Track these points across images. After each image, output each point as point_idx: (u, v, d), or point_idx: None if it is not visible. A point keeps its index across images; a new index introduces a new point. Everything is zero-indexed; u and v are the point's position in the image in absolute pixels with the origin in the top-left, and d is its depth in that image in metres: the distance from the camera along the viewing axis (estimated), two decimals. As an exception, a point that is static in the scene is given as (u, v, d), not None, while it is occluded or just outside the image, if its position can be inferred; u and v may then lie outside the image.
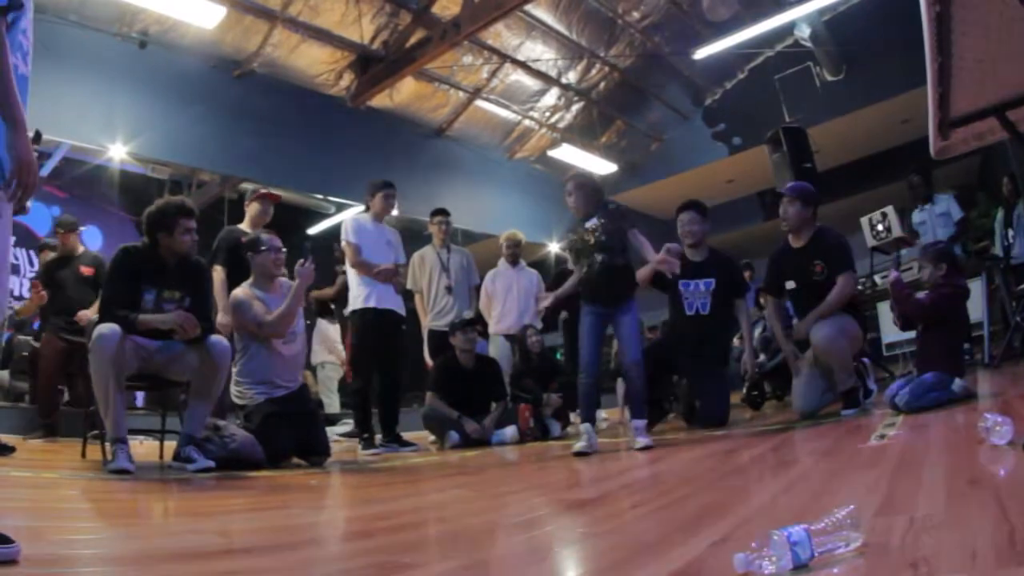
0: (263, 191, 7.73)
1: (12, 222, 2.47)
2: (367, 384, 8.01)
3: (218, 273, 6.96)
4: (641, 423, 5.69)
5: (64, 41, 9.91)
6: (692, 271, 7.42)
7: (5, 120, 2.40)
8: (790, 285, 6.68)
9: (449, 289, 9.19)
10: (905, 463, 3.16)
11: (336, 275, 11.19)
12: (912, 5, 2.36)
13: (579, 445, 5.66)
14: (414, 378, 10.19)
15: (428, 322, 9.23)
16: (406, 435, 8.10)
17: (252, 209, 7.63)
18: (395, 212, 8.98)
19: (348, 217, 8.34)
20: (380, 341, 7.94)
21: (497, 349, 9.56)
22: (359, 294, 7.94)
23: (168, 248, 5.43)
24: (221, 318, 6.57)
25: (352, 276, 8.03)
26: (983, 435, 3.02)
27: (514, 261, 10.07)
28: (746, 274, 13.53)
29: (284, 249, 6.47)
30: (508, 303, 9.85)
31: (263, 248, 6.31)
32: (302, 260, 6.20)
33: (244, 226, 7.58)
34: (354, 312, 7.98)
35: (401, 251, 8.37)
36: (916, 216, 10.27)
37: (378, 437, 7.84)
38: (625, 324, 5.88)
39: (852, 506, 1.73)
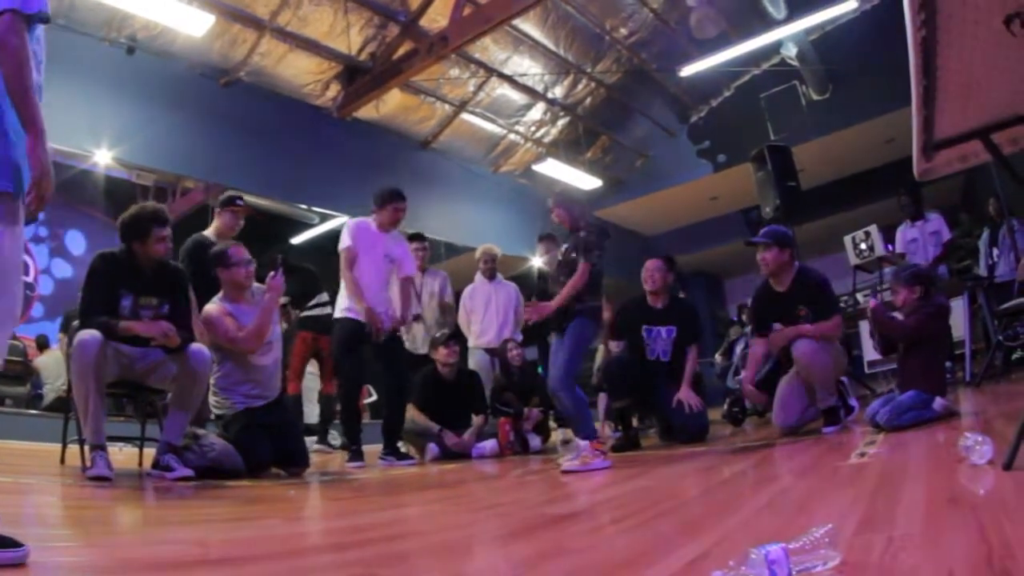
0: (238, 203, 7.50)
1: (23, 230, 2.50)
2: (353, 393, 7.83)
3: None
4: (581, 443, 5.55)
5: (51, 45, 9.64)
6: (655, 318, 7.55)
7: (27, 128, 2.44)
8: (777, 327, 6.68)
9: (416, 318, 9.16)
10: (885, 481, 3.17)
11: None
12: (898, 26, 2.38)
13: (568, 462, 5.61)
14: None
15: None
16: (373, 447, 8.02)
17: (222, 219, 7.41)
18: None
19: (352, 220, 8.06)
20: (370, 351, 7.68)
21: (476, 363, 9.51)
22: (343, 301, 7.60)
23: (143, 255, 5.41)
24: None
25: (346, 280, 7.55)
26: (963, 454, 3.03)
27: (491, 275, 10.02)
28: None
29: (253, 261, 6.35)
30: (487, 318, 9.81)
31: (232, 262, 6.20)
32: (272, 272, 6.18)
33: (209, 233, 7.37)
34: (336, 320, 7.68)
35: (409, 263, 8.06)
36: (907, 233, 10.30)
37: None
38: (563, 342, 5.83)
39: (831, 524, 1.74)
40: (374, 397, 12.76)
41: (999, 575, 1.51)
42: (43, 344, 13.72)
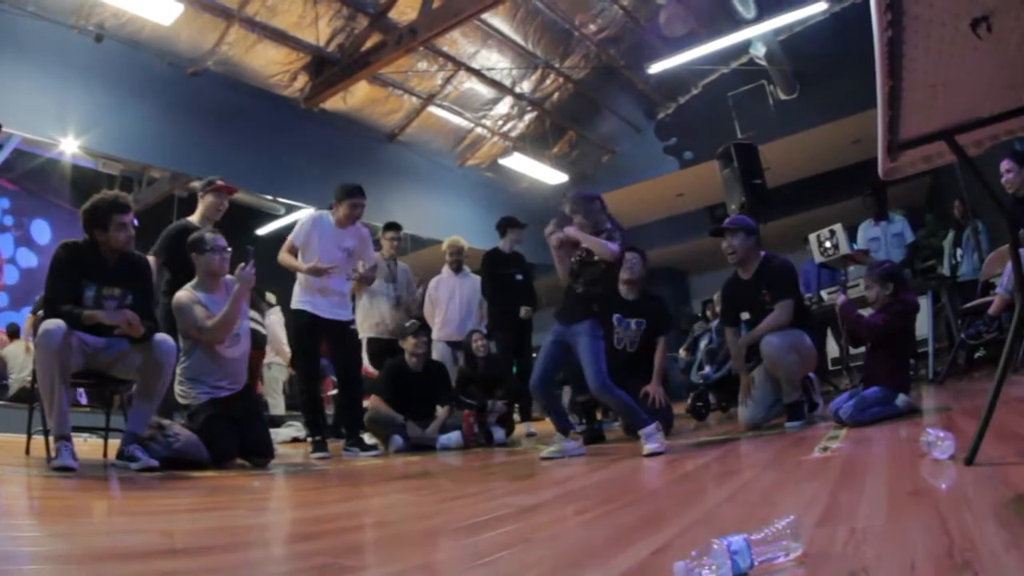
0: (219, 183, 7.52)
1: None
2: (311, 385, 7.82)
3: (151, 262, 6.69)
4: (647, 430, 5.50)
5: (19, 31, 9.81)
6: (627, 309, 7.58)
7: None
8: (744, 316, 6.73)
9: (398, 301, 9.19)
10: (847, 475, 3.19)
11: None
12: (865, 28, 2.39)
13: (548, 450, 5.76)
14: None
15: (367, 330, 9.30)
16: (334, 441, 8.03)
17: (206, 201, 7.44)
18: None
19: (308, 214, 8.13)
20: (322, 345, 7.81)
21: (438, 355, 9.50)
22: (297, 294, 7.65)
23: (105, 244, 5.39)
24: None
25: (286, 261, 7.68)
26: (925, 449, 3.06)
27: (457, 268, 10.11)
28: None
29: (229, 249, 6.39)
30: (451, 310, 9.87)
31: (207, 248, 6.23)
32: (242, 264, 6.17)
33: (195, 219, 7.40)
34: (292, 311, 7.74)
35: (369, 255, 8.05)
36: (869, 232, 10.37)
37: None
38: (582, 346, 5.77)
39: (793, 516, 1.76)
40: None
41: (960, 567, 1.54)
42: (14, 332, 13.63)
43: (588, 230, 5.97)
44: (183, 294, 6.13)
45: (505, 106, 16.59)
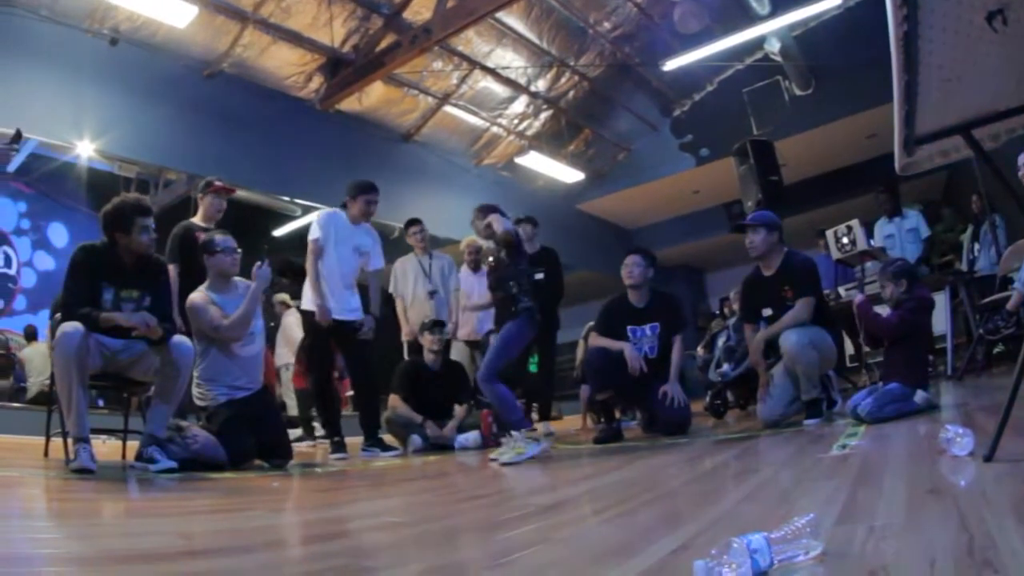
0: (217, 184, 7.58)
1: None
2: (325, 386, 7.89)
3: (170, 272, 6.78)
4: (517, 433, 5.81)
5: (34, 36, 9.85)
6: (637, 317, 7.51)
7: None
8: (766, 312, 6.69)
9: (432, 295, 9.16)
10: (866, 473, 3.17)
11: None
12: (881, 23, 2.38)
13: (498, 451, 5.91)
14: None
15: (408, 332, 9.27)
16: (356, 439, 8.02)
17: (205, 203, 7.53)
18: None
19: (324, 211, 8.15)
20: (335, 345, 7.91)
21: (457, 355, 9.47)
22: (308, 294, 7.67)
23: (126, 247, 5.39)
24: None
25: (309, 272, 7.65)
26: (944, 446, 3.04)
27: (475, 267, 10.09)
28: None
29: (239, 250, 6.42)
30: (467, 310, 9.79)
31: (218, 250, 6.26)
32: (258, 263, 6.24)
33: (198, 220, 7.47)
34: (305, 312, 7.77)
35: (377, 257, 8.09)
36: (884, 228, 10.33)
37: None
38: (492, 341, 6.35)
39: (812, 514, 1.74)
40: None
41: (980, 564, 1.52)
42: (32, 335, 13.68)
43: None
44: (197, 295, 6.16)
45: (520, 105, 16.60)
